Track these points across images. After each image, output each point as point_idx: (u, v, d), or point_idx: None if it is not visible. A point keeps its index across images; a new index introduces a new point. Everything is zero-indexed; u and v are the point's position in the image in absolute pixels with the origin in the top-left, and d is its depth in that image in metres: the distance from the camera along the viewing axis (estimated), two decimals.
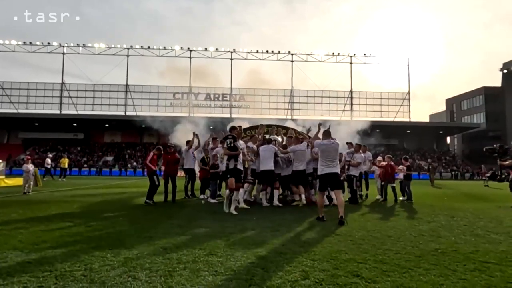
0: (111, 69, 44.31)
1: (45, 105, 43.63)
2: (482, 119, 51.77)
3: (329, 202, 8.18)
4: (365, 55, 45.91)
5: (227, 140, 7.04)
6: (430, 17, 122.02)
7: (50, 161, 21.21)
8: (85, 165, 36.97)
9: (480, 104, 53.18)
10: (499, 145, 10.47)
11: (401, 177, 10.15)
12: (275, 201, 8.05)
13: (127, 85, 44.10)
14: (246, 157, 7.86)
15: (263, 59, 44.98)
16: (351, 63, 45.86)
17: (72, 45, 42.91)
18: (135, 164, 37.36)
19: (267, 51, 44.51)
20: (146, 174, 9.32)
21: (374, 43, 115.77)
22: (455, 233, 5.06)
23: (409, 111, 46.21)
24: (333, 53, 45.66)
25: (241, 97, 45.82)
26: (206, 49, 43.70)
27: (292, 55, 45.21)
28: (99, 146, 43.87)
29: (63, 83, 43.60)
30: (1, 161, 17.82)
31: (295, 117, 36.89)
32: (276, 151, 8.24)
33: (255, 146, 8.67)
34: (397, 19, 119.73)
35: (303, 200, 8.10)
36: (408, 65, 46.55)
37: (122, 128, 44.45)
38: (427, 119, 64.17)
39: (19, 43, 41.80)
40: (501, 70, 52.96)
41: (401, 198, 9.83)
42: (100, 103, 44.32)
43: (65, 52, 42.94)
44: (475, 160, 45.07)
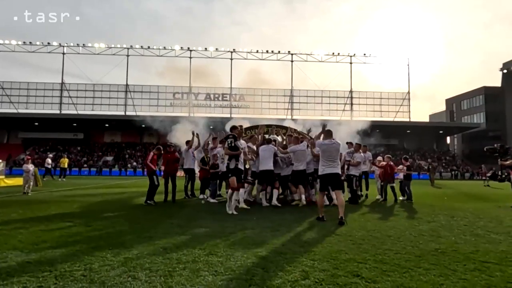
0: (111, 69, 44.45)
1: (45, 105, 43.67)
2: (482, 119, 51.80)
3: (329, 202, 8.18)
4: (365, 55, 45.98)
5: (228, 139, 6.98)
6: (430, 17, 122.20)
7: (50, 161, 21.23)
8: (85, 165, 36.98)
9: (480, 104, 53.22)
10: (499, 144, 10.45)
11: (401, 177, 10.14)
12: (274, 201, 8.02)
13: (127, 85, 44.11)
14: (247, 156, 7.85)
15: (263, 59, 45.03)
16: (351, 63, 45.92)
17: (72, 45, 42.95)
18: (135, 164, 37.37)
19: (267, 51, 44.54)
20: (146, 174, 9.31)
21: (374, 43, 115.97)
22: (455, 233, 5.06)
23: (409, 111, 46.34)
24: (333, 53, 45.71)
25: (241, 97, 45.83)
26: (206, 49, 43.75)
27: (292, 55, 45.21)
28: (99, 146, 43.87)
29: (63, 83, 43.62)
30: (1, 161, 17.83)
31: (295, 117, 36.92)
32: (275, 151, 8.24)
33: (254, 146, 8.68)
34: (397, 19, 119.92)
35: (303, 200, 8.08)
36: (408, 65, 46.68)
37: (122, 128, 44.46)
38: (427, 119, 64.25)
39: (19, 43, 41.85)
40: (501, 70, 52.99)
41: (401, 198, 9.82)
42: (100, 103, 44.34)
43: (65, 52, 42.97)
44: (475, 160, 45.08)
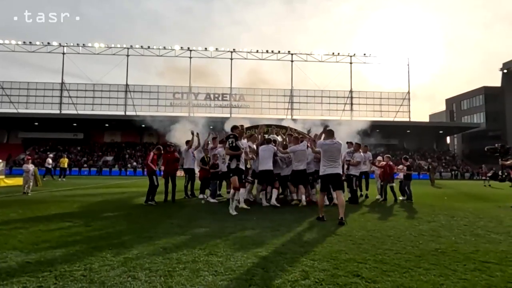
0: (111, 69, 44.48)
1: (45, 105, 43.70)
2: (482, 119, 51.81)
3: (329, 202, 8.17)
4: (365, 55, 46.00)
5: (229, 139, 6.91)
6: (430, 17, 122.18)
7: (51, 161, 21.21)
8: (85, 165, 36.98)
9: (480, 104, 53.23)
10: (500, 144, 10.46)
11: (401, 177, 10.14)
12: (273, 201, 7.95)
13: (127, 85, 44.12)
14: (248, 156, 7.82)
15: (263, 59, 45.05)
16: (351, 63, 45.94)
17: (72, 45, 42.96)
18: (135, 164, 37.37)
19: (267, 51, 44.55)
20: (146, 174, 9.31)
21: (374, 43, 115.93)
22: (455, 233, 5.06)
23: (409, 111, 46.39)
24: (333, 53, 45.72)
25: (241, 97, 45.84)
26: (206, 49, 43.77)
27: (292, 55, 45.22)
28: (99, 146, 43.87)
29: (63, 83, 43.63)
30: (1, 161, 17.82)
31: (295, 117, 36.88)
32: (275, 151, 8.22)
33: (254, 145, 8.66)
34: (397, 19, 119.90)
35: (303, 201, 8.02)
36: (408, 65, 46.72)
37: (122, 128, 44.46)
38: (427, 119, 64.25)
39: (19, 43, 41.86)
40: (501, 70, 52.99)
41: (400, 198, 9.82)
42: (100, 103, 44.36)
43: (65, 52, 42.99)
44: (475, 160, 45.10)
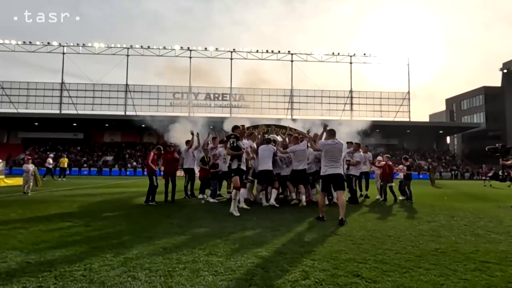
0: (111, 69, 44.33)
1: (45, 105, 43.69)
2: (482, 119, 51.80)
3: (329, 202, 8.15)
4: (365, 55, 45.98)
5: (230, 139, 6.87)
6: (430, 17, 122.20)
7: (51, 160, 21.19)
8: (85, 165, 36.97)
9: (480, 104, 53.23)
10: (501, 144, 10.50)
11: (401, 177, 10.13)
12: (272, 201, 7.89)
13: (127, 85, 44.11)
14: (249, 156, 7.80)
15: (263, 59, 45.02)
16: (351, 63, 45.93)
17: (72, 44, 42.95)
18: (135, 164, 37.36)
19: (267, 51, 44.54)
20: (146, 174, 9.31)
21: (374, 43, 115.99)
22: (455, 233, 5.05)
23: (409, 111, 46.38)
24: (333, 53, 45.70)
25: (241, 97, 45.82)
26: (206, 48, 43.76)
27: (292, 55, 45.21)
28: (99, 145, 43.87)
29: (63, 83, 43.62)
30: (0, 160, 17.82)
31: (295, 117, 36.89)
32: (275, 151, 8.21)
33: (254, 144, 8.64)
34: (397, 19, 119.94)
35: (303, 201, 7.99)
36: (408, 65, 46.71)
37: (122, 127, 44.46)
38: (427, 119, 64.29)
39: (19, 42, 41.84)
40: (501, 70, 53.01)
41: (400, 197, 9.82)
42: (100, 102, 44.35)
43: (65, 51, 42.98)
44: (475, 159, 45.12)
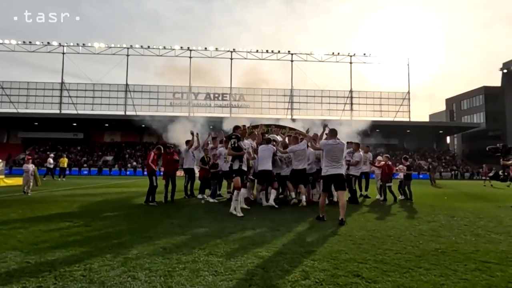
0: (111, 68, 44.24)
1: (45, 105, 43.66)
2: (482, 118, 51.81)
3: (329, 202, 8.13)
4: (365, 54, 45.96)
5: (231, 140, 6.82)
6: (430, 17, 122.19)
7: (52, 160, 21.17)
8: (85, 165, 36.97)
9: (480, 103, 53.23)
10: (502, 144, 10.47)
11: (401, 177, 10.13)
12: (271, 201, 7.84)
13: (127, 85, 44.08)
14: (251, 156, 7.77)
15: (263, 59, 44.98)
16: (351, 63, 45.90)
17: (72, 44, 42.91)
18: (135, 163, 37.35)
19: (267, 51, 44.51)
20: (146, 174, 9.31)
21: (374, 43, 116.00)
22: (455, 232, 5.05)
23: (409, 111, 46.36)
24: (333, 53, 45.66)
25: (241, 97, 45.79)
26: (206, 48, 43.73)
27: (292, 54, 45.19)
28: (99, 145, 43.87)
29: (63, 83, 43.60)
30: (0, 160, 17.81)
31: (295, 117, 36.90)
32: (274, 151, 8.19)
33: (254, 143, 8.62)
34: (397, 19, 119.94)
35: (303, 201, 7.96)
36: (408, 65, 46.67)
37: (122, 127, 44.45)
38: (427, 119, 64.31)
39: (19, 42, 41.80)
40: (501, 69, 53.00)
41: (400, 197, 9.83)
42: (100, 102, 44.33)
43: (65, 51, 42.95)
44: (475, 159, 45.12)
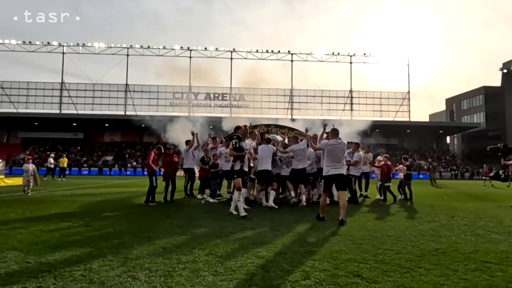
0: (110, 68, 44.14)
1: (45, 105, 43.62)
2: (482, 118, 51.80)
3: (329, 202, 8.12)
4: (365, 54, 45.93)
5: (232, 140, 6.82)
6: (430, 17, 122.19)
7: (53, 160, 21.14)
8: (85, 165, 36.95)
9: (480, 103, 53.23)
10: (503, 144, 10.47)
11: (401, 176, 10.13)
12: (270, 202, 7.83)
13: (127, 85, 44.06)
14: (252, 156, 7.75)
15: (263, 59, 44.93)
16: (351, 63, 45.88)
17: (72, 44, 42.88)
18: (135, 163, 37.34)
19: (267, 51, 44.47)
20: (146, 173, 9.31)
21: (374, 43, 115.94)
22: (455, 232, 5.05)
23: (409, 111, 46.34)
24: (333, 53, 45.62)
25: (241, 97, 45.77)
26: (206, 48, 43.70)
27: (292, 54, 45.16)
28: (98, 145, 43.85)
29: (62, 83, 43.58)
30: (0, 160, 17.81)
31: (295, 117, 36.91)
32: (274, 151, 8.18)
33: (254, 142, 8.61)
34: (397, 19, 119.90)
35: (303, 201, 7.94)
36: (408, 65, 46.64)
37: (122, 127, 44.42)
38: (427, 119, 64.25)
39: (19, 42, 41.77)
40: (501, 69, 53.00)
41: (399, 197, 9.83)
42: (100, 102, 44.31)
43: (65, 51, 42.91)
44: (474, 159, 45.12)
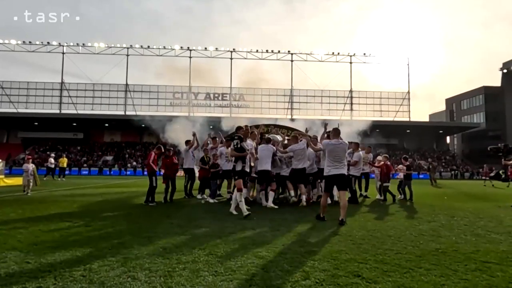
0: (110, 68, 44.11)
1: (45, 105, 43.62)
2: (481, 118, 51.81)
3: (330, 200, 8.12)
4: (364, 54, 45.94)
5: (234, 141, 6.78)
6: (430, 17, 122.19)
7: (53, 160, 21.12)
8: (85, 165, 36.95)
9: (480, 103, 53.24)
10: (503, 144, 10.47)
11: (401, 176, 10.14)
12: (269, 203, 7.82)
13: (127, 85, 44.05)
14: (254, 157, 7.73)
15: (263, 59, 44.93)
16: (351, 63, 45.88)
17: (71, 44, 42.87)
18: (134, 163, 37.33)
19: (267, 51, 44.47)
20: (146, 173, 9.31)
21: (374, 42, 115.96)
22: (455, 232, 5.05)
23: (409, 111, 46.35)
24: (333, 53, 45.63)
25: (241, 97, 45.76)
26: (206, 48, 43.70)
27: (292, 54, 45.16)
28: (98, 145, 43.84)
29: (62, 83, 43.57)
30: (0, 160, 17.80)
31: (295, 117, 36.90)
32: (274, 151, 8.17)
33: (254, 143, 8.60)
34: (397, 19, 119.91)
35: (303, 201, 7.94)
36: (408, 65, 46.65)
37: (121, 127, 44.42)
38: (427, 119, 64.27)
39: (19, 42, 41.78)
40: (501, 69, 53.01)
41: (398, 197, 9.83)
42: (99, 102, 44.31)
43: (65, 51, 42.91)
44: (474, 159, 45.13)
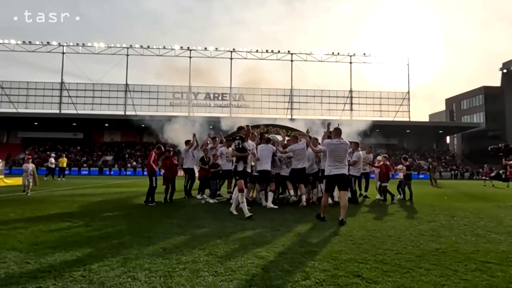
0: (110, 68, 44.12)
1: (45, 105, 43.61)
2: (481, 118, 51.83)
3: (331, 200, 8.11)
4: (364, 54, 45.94)
5: (235, 141, 6.76)
6: (430, 17, 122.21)
7: (53, 160, 21.09)
8: (85, 165, 36.94)
9: (479, 103, 53.25)
10: (504, 144, 10.47)
11: (401, 176, 10.14)
12: (269, 204, 7.80)
13: (127, 85, 44.04)
14: (255, 157, 7.73)
15: (263, 59, 44.92)
16: (350, 63, 45.88)
17: (71, 44, 42.85)
18: (134, 163, 37.32)
19: (267, 51, 44.46)
20: (146, 173, 9.31)
21: (373, 42, 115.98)
22: (455, 232, 5.05)
23: (409, 111, 46.34)
24: (333, 53, 45.62)
25: (241, 97, 45.75)
26: (205, 48, 43.69)
27: (291, 54, 45.15)
28: (98, 145, 43.83)
29: (62, 83, 43.56)
30: (0, 160, 17.80)
31: (295, 117, 36.89)
32: (274, 151, 8.16)
33: (254, 143, 8.60)
34: (397, 19, 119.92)
35: (303, 201, 7.94)
36: (408, 65, 46.64)
37: (121, 127, 44.42)
38: (426, 119, 64.33)
39: (19, 42, 41.76)
40: (501, 69, 53.02)
41: (398, 196, 9.83)
42: (99, 102, 44.30)
43: (65, 51, 42.89)
44: (474, 159, 45.14)
